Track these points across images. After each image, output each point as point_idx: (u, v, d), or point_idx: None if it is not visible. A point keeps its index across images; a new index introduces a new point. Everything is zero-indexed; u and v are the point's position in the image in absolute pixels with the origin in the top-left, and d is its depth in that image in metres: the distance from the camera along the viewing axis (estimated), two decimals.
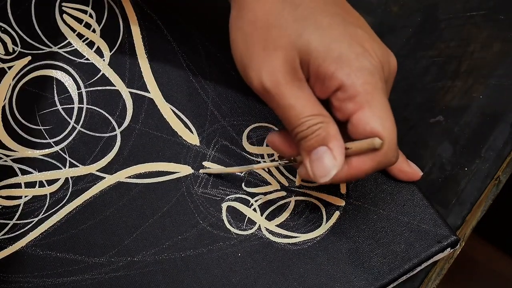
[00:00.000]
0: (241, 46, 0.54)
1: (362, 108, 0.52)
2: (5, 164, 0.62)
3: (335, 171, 0.53)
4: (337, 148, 0.53)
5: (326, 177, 0.53)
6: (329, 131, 0.53)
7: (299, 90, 0.53)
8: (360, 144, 0.53)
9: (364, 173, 0.54)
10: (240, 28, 0.54)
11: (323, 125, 0.53)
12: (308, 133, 0.53)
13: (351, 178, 0.54)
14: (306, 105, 0.53)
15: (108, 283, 0.59)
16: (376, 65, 0.53)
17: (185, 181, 0.62)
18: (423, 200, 0.61)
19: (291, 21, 0.53)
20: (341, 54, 0.52)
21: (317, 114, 0.53)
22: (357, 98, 0.52)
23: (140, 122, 0.64)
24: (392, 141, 0.53)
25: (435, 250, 0.59)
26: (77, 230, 0.60)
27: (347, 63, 0.52)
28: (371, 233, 0.60)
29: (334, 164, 0.52)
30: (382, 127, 0.52)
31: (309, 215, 0.61)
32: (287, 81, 0.53)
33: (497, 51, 0.70)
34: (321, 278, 0.58)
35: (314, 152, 0.53)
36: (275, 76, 0.53)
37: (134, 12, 0.67)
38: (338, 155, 0.53)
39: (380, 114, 0.52)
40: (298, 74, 0.53)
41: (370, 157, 0.53)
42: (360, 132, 0.53)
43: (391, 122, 0.53)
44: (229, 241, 0.60)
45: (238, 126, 0.64)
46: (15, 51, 0.65)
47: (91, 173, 0.62)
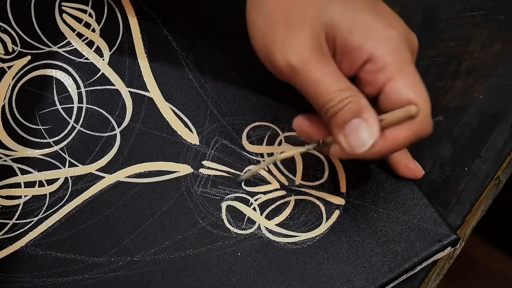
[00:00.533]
0: (262, 29, 0.54)
1: (394, 78, 0.52)
2: (4, 164, 0.62)
3: (372, 140, 0.52)
4: (371, 117, 0.52)
5: (363, 147, 0.52)
6: (361, 103, 0.52)
7: (326, 66, 0.52)
8: (395, 114, 0.52)
9: (399, 145, 0.53)
10: (261, 10, 0.54)
11: (354, 98, 0.52)
12: (339, 108, 0.52)
13: (386, 152, 0.53)
14: (334, 81, 0.52)
15: (107, 282, 0.59)
16: (403, 36, 0.52)
17: (185, 181, 0.62)
18: (423, 199, 0.61)
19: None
20: (368, 26, 0.52)
21: (346, 88, 0.52)
22: (388, 68, 0.52)
23: (140, 121, 0.64)
24: (428, 109, 0.53)
25: (435, 249, 0.59)
26: (76, 230, 0.60)
27: (374, 34, 0.52)
28: (371, 232, 0.60)
29: (370, 133, 0.52)
30: (417, 95, 0.52)
31: (309, 214, 0.61)
32: (314, 58, 0.52)
33: (497, 51, 0.70)
34: (321, 277, 0.58)
35: (348, 125, 0.52)
36: (302, 54, 0.52)
37: (134, 12, 0.67)
38: (374, 123, 0.52)
39: (413, 82, 0.52)
40: (324, 50, 0.53)
41: (406, 127, 0.53)
42: (394, 102, 0.52)
43: (425, 91, 0.53)
44: (229, 240, 0.60)
45: (238, 125, 0.64)
46: (14, 51, 0.66)
47: (91, 173, 0.62)
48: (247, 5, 0.55)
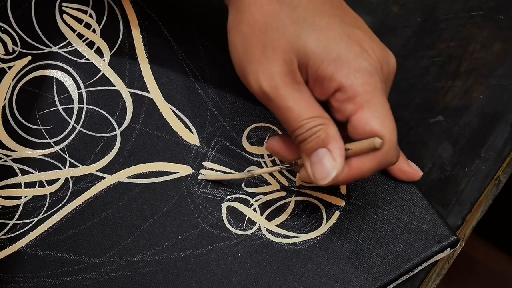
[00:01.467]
0: (239, 50, 0.54)
1: (362, 109, 0.52)
2: (5, 164, 0.62)
3: (335, 173, 0.52)
4: (336, 150, 0.53)
5: (327, 179, 0.53)
6: (329, 133, 0.53)
7: (298, 93, 0.53)
8: (360, 145, 0.53)
9: (364, 174, 0.54)
10: (239, 31, 0.54)
11: (323, 127, 0.53)
12: (307, 135, 0.53)
13: (351, 179, 0.54)
14: (305, 108, 0.53)
15: (108, 283, 0.59)
16: (375, 65, 0.53)
17: (185, 181, 0.62)
18: (423, 200, 0.61)
19: (289, 23, 0.53)
20: (340, 55, 0.52)
21: (316, 116, 0.53)
22: (357, 99, 0.52)
23: (140, 122, 0.64)
24: (393, 141, 0.53)
25: (435, 250, 0.59)
26: (77, 230, 0.60)
27: (346, 64, 0.52)
28: (371, 233, 0.60)
29: (333, 166, 0.52)
30: (382, 127, 0.52)
31: (309, 215, 0.61)
32: (285, 84, 0.53)
33: (497, 51, 0.70)
34: (321, 278, 0.58)
35: (314, 154, 0.53)
36: (273, 80, 0.53)
37: (134, 12, 0.67)
38: (338, 156, 0.53)
39: (379, 114, 0.52)
40: (297, 76, 0.53)
41: (371, 158, 0.53)
42: (360, 133, 0.53)
43: (391, 122, 0.53)
44: (229, 241, 0.60)
45: (238, 126, 0.64)
46: (15, 51, 0.65)
47: (91, 173, 0.62)
48: (228, 22, 0.56)
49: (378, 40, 0.55)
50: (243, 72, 0.54)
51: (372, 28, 0.55)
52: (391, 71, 0.55)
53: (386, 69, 0.54)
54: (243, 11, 0.54)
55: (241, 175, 0.61)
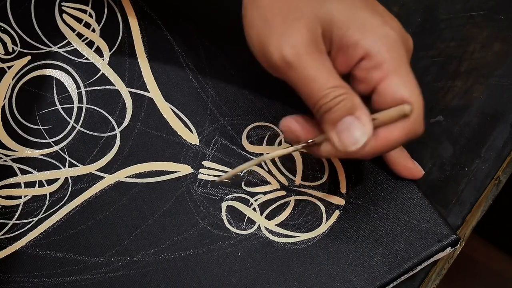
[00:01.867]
0: (258, 23, 0.53)
1: (390, 76, 0.52)
2: (4, 164, 0.62)
3: (365, 138, 0.51)
4: (364, 116, 0.52)
5: (356, 145, 0.52)
6: (354, 101, 0.52)
7: (321, 62, 0.52)
8: (388, 113, 0.52)
9: (392, 145, 0.53)
10: (258, 5, 0.53)
11: (347, 96, 0.52)
12: (332, 104, 0.52)
13: (378, 151, 0.53)
14: (328, 77, 0.52)
15: (107, 283, 0.59)
16: (399, 35, 0.52)
17: (185, 181, 0.62)
18: (423, 199, 0.61)
19: None
20: (365, 23, 0.52)
21: (340, 86, 0.52)
22: (384, 66, 0.52)
23: (140, 121, 0.64)
24: (421, 109, 0.53)
25: (435, 249, 0.59)
26: (76, 230, 0.60)
27: (372, 31, 0.52)
28: (371, 232, 0.60)
29: (363, 131, 0.52)
30: (411, 94, 0.52)
31: (309, 214, 0.61)
32: (309, 53, 0.52)
33: (497, 51, 0.70)
34: (321, 277, 0.58)
35: (341, 122, 0.52)
36: (297, 48, 0.52)
37: (134, 12, 0.67)
38: (367, 121, 0.52)
39: (407, 81, 0.52)
40: (320, 46, 0.52)
41: (398, 126, 0.53)
42: (388, 101, 0.52)
43: (419, 90, 0.53)
44: (229, 240, 0.60)
45: (238, 126, 0.64)
46: (14, 51, 0.65)
47: (91, 173, 0.62)
48: (243, 1, 0.55)
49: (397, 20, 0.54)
50: (262, 45, 0.53)
51: None
52: (409, 49, 0.54)
53: (407, 45, 0.54)
54: None
55: (252, 162, 0.59)
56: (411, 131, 0.53)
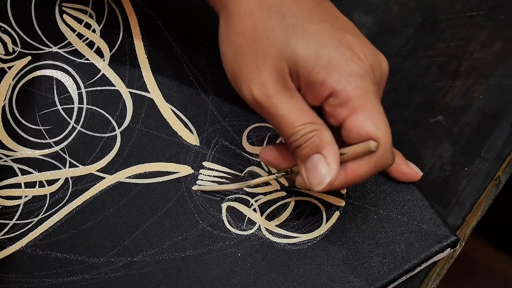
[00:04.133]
0: (231, 59, 0.54)
1: (355, 113, 0.52)
2: (5, 164, 0.62)
3: (329, 178, 0.52)
4: (331, 155, 0.53)
5: (321, 185, 0.53)
6: (323, 138, 0.53)
7: (290, 100, 0.53)
8: (355, 148, 0.53)
9: (360, 178, 0.54)
10: (229, 40, 0.54)
11: (317, 132, 0.53)
12: (302, 142, 0.53)
13: (348, 184, 0.54)
14: (298, 114, 0.53)
15: (108, 283, 0.59)
16: (366, 69, 0.53)
17: (185, 181, 0.62)
18: (423, 200, 0.61)
19: (278, 30, 0.53)
20: (330, 60, 0.52)
21: (310, 122, 0.53)
22: (349, 103, 0.52)
23: (140, 122, 0.64)
24: (387, 143, 0.53)
25: (435, 250, 0.59)
26: (77, 230, 0.60)
27: (337, 68, 0.52)
28: (371, 233, 0.60)
29: (328, 171, 0.52)
30: (376, 130, 0.52)
31: (309, 215, 0.61)
32: (277, 92, 0.53)
33: (497, 51, 0.70)
34: (321, 278, 0.58)
35: (309, 160, 0.53)
36: (265, 88, 0.53)
37: (134, 12, 0.67)
38: (332, 162, 0.52)
39: (373, 117, 0.52)
40: (288, 84, 0.53)
41: (366, 161, 0.53)
42: (354, 137, 0.52)
43: (385, 125, 0.53)
44: (229, 241, 0.60)
45: (238, 126, 0.64)
46: (15, 51, 0.65)
47: (91, 173, 0.62)
48: (219, 31, 0.56)
49: (369, 44, 0.55)
50: (235, 80, 0.54)
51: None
52: (383, 74, 0.55)
53: (378, 72, 0.54)
54: (233, 21, 0.54)
55: (237, 185, 0.61)
56: (378, 164, 0.54)
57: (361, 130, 0.52)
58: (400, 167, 0.61)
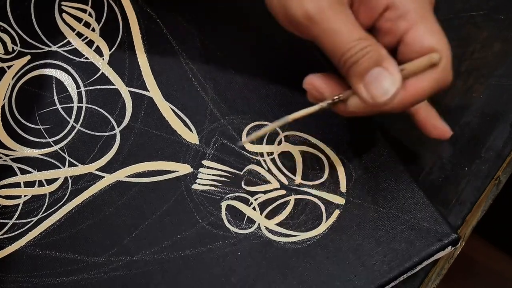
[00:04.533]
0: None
1: (416, 25, 0.51)
2: (4, 164, 0.62)
3: (394, 88, 0.51)
4: (393, 66, 0.51)
5: (386, 95, 0.51)
6: (381, 53, 0.51)
7: (344, 15, 0.51)
8: (416, 63, 0.51)
9: (421, 95, 0.52)
10: None
11: (373, 47, 0.51)
12: (359, 56, 0.51)
13: (408, 103, 0.52)
14: (353, 30, 0.51)
15: (107, 282, 0.59)
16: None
17: (185, 180, 0.62)
18: (424, 198, 0.61)
19: None
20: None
21: (365, 37, 0.51)
22: (409, 15, 0.51)
23: (140, 121, 0.64)
24: (449, 57, 0.52)
25: (435, 248, 0.59)
26: (76, 230, 0.60)
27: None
28: (371, 232, 0.60)
29: (392, 81, 0.51)
30: (438, 42, 0.51)
31: (309, 213, 0.61)
32: (331, 6, 0.51)
33: (497, 51, 0.70)
34: (321, 276, 0.58)
35: (369, 74, 0.51)
36: (319, 2, 0.51)
37: (134, 11, 0.67)
38: (395, 71, 0.51)
39: (434, 29, 0.52)
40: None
41: (428, 76, 0.52)
42: (416, 51, 0.51)
43: (445, 38, 0.52)
44: (229, 240, 0.60)
45: (238, 125, 0.63)
46: (14, 50, 0.65)
47: (91, 172, 0.62)
48: None
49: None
50: (283, 4, 0.52)
51: None
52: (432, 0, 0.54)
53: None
54: None
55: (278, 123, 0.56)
56: (440, 80, 0.52)
57: (424, 43, 0.51)
58: (435, 120, 0.60)
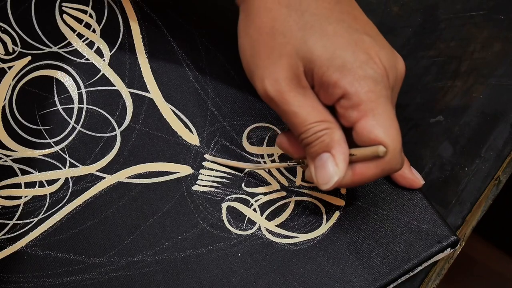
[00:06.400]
0: (248, 52, 0.55)
1: (366, 116, 0.52)
2: (5, 164, 0.62)
3: (336, 178, 0.53)
4: (339, 155, 0.53)
5: (328, 184, 0.53)
6: (333, 137, 0.53)
7: (302, 98, 0.53)
8: (364, 151, 0.53)
9: (367, 180, 0.54)
10: (247, 34, 0.55)
11: (328, 131, 0.53)
12: (312, 140, 0.53)
13: (355, 184, 0.54)
14: (310, 112, 0.53)
15: (108, 283, 0.59)
16: (380, 73, 0.53)
17: (185, 181, 0.62)
18: (423, 200, 0.61)
19: (296, 29, 0.53)
20: (345, 62, 0.52)
21: (321, 120, 0.53)
22: (361, 106, 0.52)
23: (140, 122, 0.64)
24: (396, 149, 0.53)
25: (435, 250, 0.59)
26: (77, 230, 0.60)
27: (351, 71, 0.52)
28: (371, 233, 0.60)
29: (336, 171, 0.53)
30: (386, 135, 0.52)
31: (309, 215, 0.61)
32: (290, 89, 0.53)
33: (497, 51, 0.70)
34: (321, 278, 0.58)
35: (318, 158, 0.54)
36: (278, 85, 0.53)
37: (134, 12, 0.67)
38: (341, 161, 0.53)
39: (384, 123, 0.52)
40: (302, 81, 0.53)
41: (374, 164, 0.53)
42: (364, 140, 0.53)
43: (396, 130, 0.53)
44: (229, 241, 0.60)
45: (238, 126, 0.64)
46: (15, 51, 0.65)
47: (91, 173, 0.62)
48: (238, 25, 0.56)
49: (387, 45, 0.55)
50: (250, 75, 0.55)
51: None
52: (399, 77, 0.55)
53: (393, 75, 0.54)
54: (252, 15, 0.54)
55: (248, 165, 0.62)
56: (386, 168, 0.54)
57: (371, 135, 0.52)
58: (403, 171, 0.61)
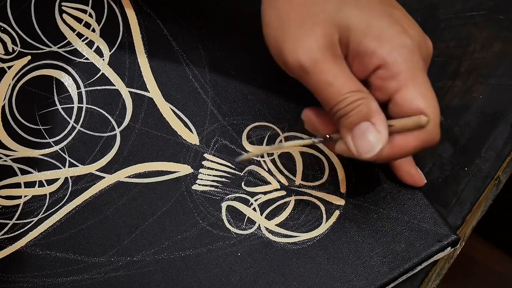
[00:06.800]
0: (275, 26, 0.53)
1: (406, 86, 0.51)
2: (4, 164, 0.62)
3: (380, 145, 0.52)
4: (380, 122, 0.52)
5: (371, 152, 0.52)
6: (371, 107, 0.52)
7: (337, 67, 0.52)
8: (405, 122, 0.52)
9: (407, 152, 0.53)
10: (274, 6, 0.53)
11: (364, 101, 0.52)
12: (349, 110, 0.52)
13: (394, 157, 0.53)
14: (345, 82, 0.52)
15: (107, 283, 0.59)
16: (416, 44, 0.52)
17: (185, 181, 0.62)
18: (423, 199, 0.61)
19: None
20: (382, 32, 0.51)
21: (357, 90, 0.52)
22: (400, 76, 0.51)
23: (140, 121, 0.64)
24: (437, 119, 0.52)
25: (435, 249, 0.59)
26: (76, 230, 0.60)
27: (389, 40, 0.51)
28: (371, 232, 0.60)
29: (378, 139, 0.52)
30: (428, 105, 0.52)
31: (309, 214, 0.61)
32: (325, 58, 0.52)
33: (497, 51, 0.70)
34: (321, 277, 0.58)
35: (356, 128, 0.52)
36: (313, 53, 0.51)
37: (134, 12, 0.67)
38: (382, 129, 0.52)
39: (424, 92, 0.52)
40: (337, 50, 0.52)
41: (415, 135, 0.52)
42: (404, 111, 0.52)
43: (435, 100, 0.52)
44: (229, 240, 0.60)
45: (238, 126, 0.64)
46: (14, 51, 0.65)
47: (91, 173, 0.62)
48: (262, 1, 0.55)
49: (416, 23, 0.54)
50: (278, 47, 0.53)
51: None
52: (429, 53, 0.54)
53: (425, 50, 0.53)
54: None
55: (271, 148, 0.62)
56: (427, 140, 0.53)
57: (412, 104, 0.52)
58: (410, 168, 0.61)
